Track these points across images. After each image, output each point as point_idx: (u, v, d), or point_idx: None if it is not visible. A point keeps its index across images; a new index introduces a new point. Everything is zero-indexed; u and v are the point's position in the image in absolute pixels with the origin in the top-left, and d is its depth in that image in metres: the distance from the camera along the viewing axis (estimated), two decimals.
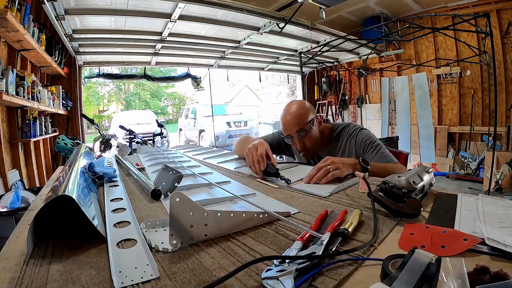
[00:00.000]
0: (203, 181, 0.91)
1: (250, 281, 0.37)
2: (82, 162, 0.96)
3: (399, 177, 0.62)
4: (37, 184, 3.05)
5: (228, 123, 8.98)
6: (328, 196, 0.74)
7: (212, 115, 7.76)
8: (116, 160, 1.39)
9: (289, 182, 0.88)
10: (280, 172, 0.94)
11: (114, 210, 0.66)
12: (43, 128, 3.23)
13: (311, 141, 1.28)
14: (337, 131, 1.37)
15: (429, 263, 0.33)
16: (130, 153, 3.21)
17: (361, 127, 1.35)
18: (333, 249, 0.42)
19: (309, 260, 0.38)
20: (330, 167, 0.89)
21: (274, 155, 1.11)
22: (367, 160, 1.00)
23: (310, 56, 5.08)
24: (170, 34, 3.91)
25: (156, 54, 4.68)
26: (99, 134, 3.96)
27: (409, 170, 0.69)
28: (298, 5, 3.65)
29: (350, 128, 1.34)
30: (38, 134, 3.00)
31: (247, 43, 4.59)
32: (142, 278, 0.38)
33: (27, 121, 2.84)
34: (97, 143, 3.94)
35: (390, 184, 0.60)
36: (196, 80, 6.08)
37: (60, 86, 3.91)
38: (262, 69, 6.49)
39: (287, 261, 0.38)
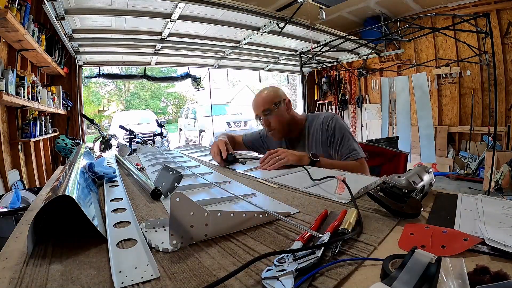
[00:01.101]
0: (203, 181, 0.91)
1: (250, 281, 0.37)
2: (82, 162, 0.96)
3: (399, 177, 0.62)
4: (37, 184, 3.05)
5: (228, 123, 8.98)
6: (348, 202, 0.67)
7: (212, 115, 7.76)
8: (116, 160, 1.39)
9: (244, 163, 1.12)
10: (239, 159, 1.18)
11: (114, 210, 0.66)
12: (43, 128, 3.23)
13: (276, 121, 1.38)
14: (310, 119, 1.45)
15: (429, 263, 0.33)
16: (130, 153, 3.21)
17: (333, 115, 1.41)
18: (335, 250, 0.42)
19: (310, 253, 0.38)
20: (277, 156, 1.08)
21: (255, 153, 1.42)
22: (316, 154, 1.15)
23: (310, 56, 5.07)
24: (170, 34, 3.91)
25: (156, 54, 4.68)
26: (99, 134, 3.96)
27: (409, 170, 0.69)
28: (298, 5, 3.65)
29: (324, 117, 1.40)
30: (38, 134, 3.00)
31: (247, 43, 4.59)
32: (142, 278, 0.38)
33: (27, 121, 2.83)
34: (97, 143, 3.95)
35: (390, 184, 0.60)
36: (196, 80, 6.07)
37: (60, 86, 3.90)
38: (262, 69, 6.49)
39: (287, 261, 0.38)
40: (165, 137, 7.23)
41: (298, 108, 7.34)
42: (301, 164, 1.08)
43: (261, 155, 1.56)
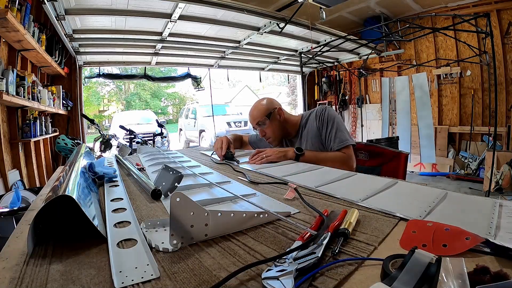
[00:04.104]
0: (203, 181, 0.91)
1: (250, 281, 0.37)
2: (82, 162, 0.96)
3: None
4: (37, 184, 3.05)
5: (228, 123, 8.98)
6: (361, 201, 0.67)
7: (213, 115, 7.75)
8: (116, 160, 1.39)
9: (238, 161, 1.28)
10: (236, 157, 1.34)
11: (114, 210, 0.66)
12: (43, 128, 3.23)
13: (270, 130, 1.51)
14: (305, 116, 1.54)
15: (429, 263, 0.33)
16: (130, 153, 3.20)
17: (325, 107, 1.50)
18: (336, 250, 0.42)
19: (310, 253, 0.38)
20: (264, 154, 1.26)
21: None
22: (301, 148, 1.30)
23: (310, 56, 5.07)
24: (170, 34, 3.91)
25: (156, 54, 4.68)
26: (100, 134, 3.96)
27: None
28: (298, 5, 3.65)
29: (316, 110, 1.49)
30: (38, 134, 3.00)
31: (247, 43, 4.59)
32: (142, 278, 0.38)
33: (28, 121, 2.84)
34: (97, 143, 3.95)
35: None
36: (196, 80, 6.07)
37: (61, 86, 3.91)
38: (262, 69, 6.49)
39: (287, 261, 0.38)
40: (165, 137, 7.23)
41: (299, 108, 7.33)
42: (288, 159, 1.26)
43: None
